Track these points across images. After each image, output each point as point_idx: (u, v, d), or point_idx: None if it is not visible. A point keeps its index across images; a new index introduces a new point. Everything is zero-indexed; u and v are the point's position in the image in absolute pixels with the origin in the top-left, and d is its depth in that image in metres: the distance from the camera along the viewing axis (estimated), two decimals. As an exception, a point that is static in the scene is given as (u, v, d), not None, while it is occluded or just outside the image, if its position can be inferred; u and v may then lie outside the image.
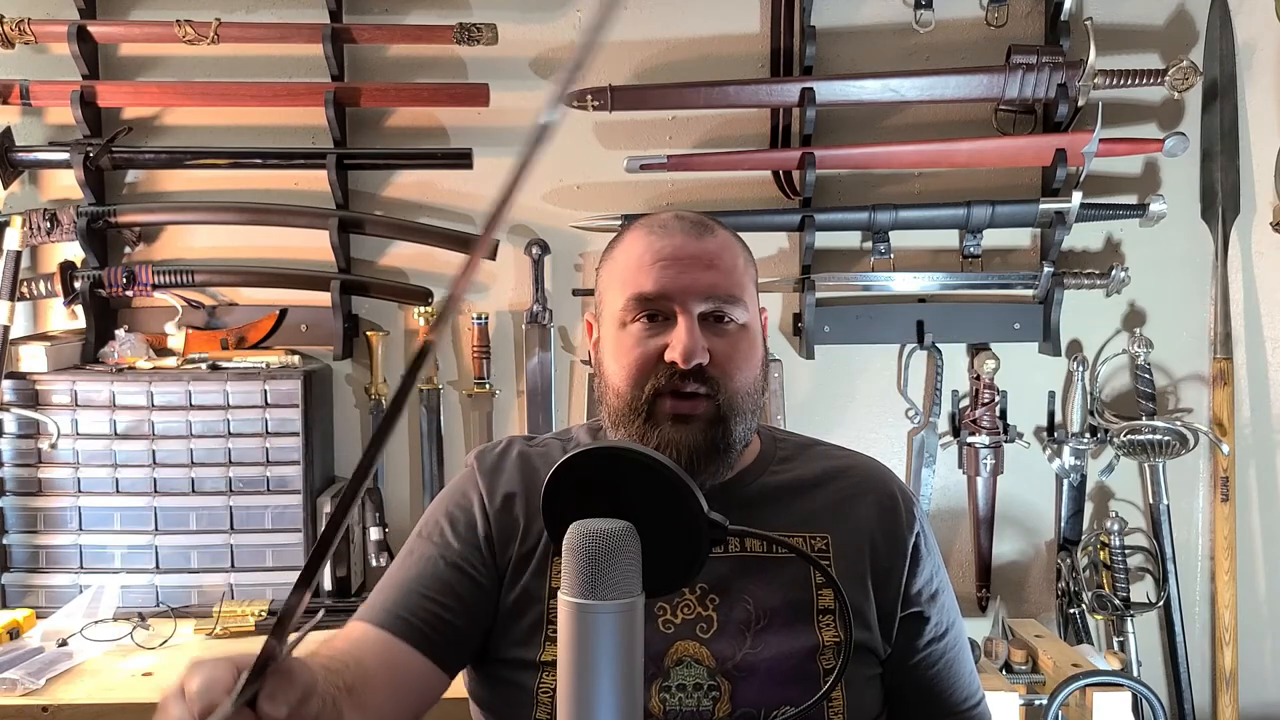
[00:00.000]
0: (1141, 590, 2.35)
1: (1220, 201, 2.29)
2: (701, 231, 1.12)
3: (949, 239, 2.32)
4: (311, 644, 1.06)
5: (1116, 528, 2.29)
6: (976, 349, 2.34)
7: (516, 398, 2.35)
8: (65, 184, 2.28)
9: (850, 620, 0.93)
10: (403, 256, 2.34)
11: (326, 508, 2.14)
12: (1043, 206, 2.21)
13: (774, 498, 1.16)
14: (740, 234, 1.25)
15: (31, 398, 2.11)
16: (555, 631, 1.07)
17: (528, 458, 1.20)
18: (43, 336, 2.26)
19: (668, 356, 1.07)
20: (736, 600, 1.09)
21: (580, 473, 0.87)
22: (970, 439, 2.31)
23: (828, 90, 2.19)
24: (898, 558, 1.14)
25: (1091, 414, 2.33)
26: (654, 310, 1.09)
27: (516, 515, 1.14)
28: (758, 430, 1.23)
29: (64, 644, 1.91)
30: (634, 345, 1.10)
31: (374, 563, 2.23)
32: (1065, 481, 2.35)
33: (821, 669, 1.07)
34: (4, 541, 2.11)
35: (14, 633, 1.96)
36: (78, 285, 2.23)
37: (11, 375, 2.09)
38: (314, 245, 2.25)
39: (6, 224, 2.13)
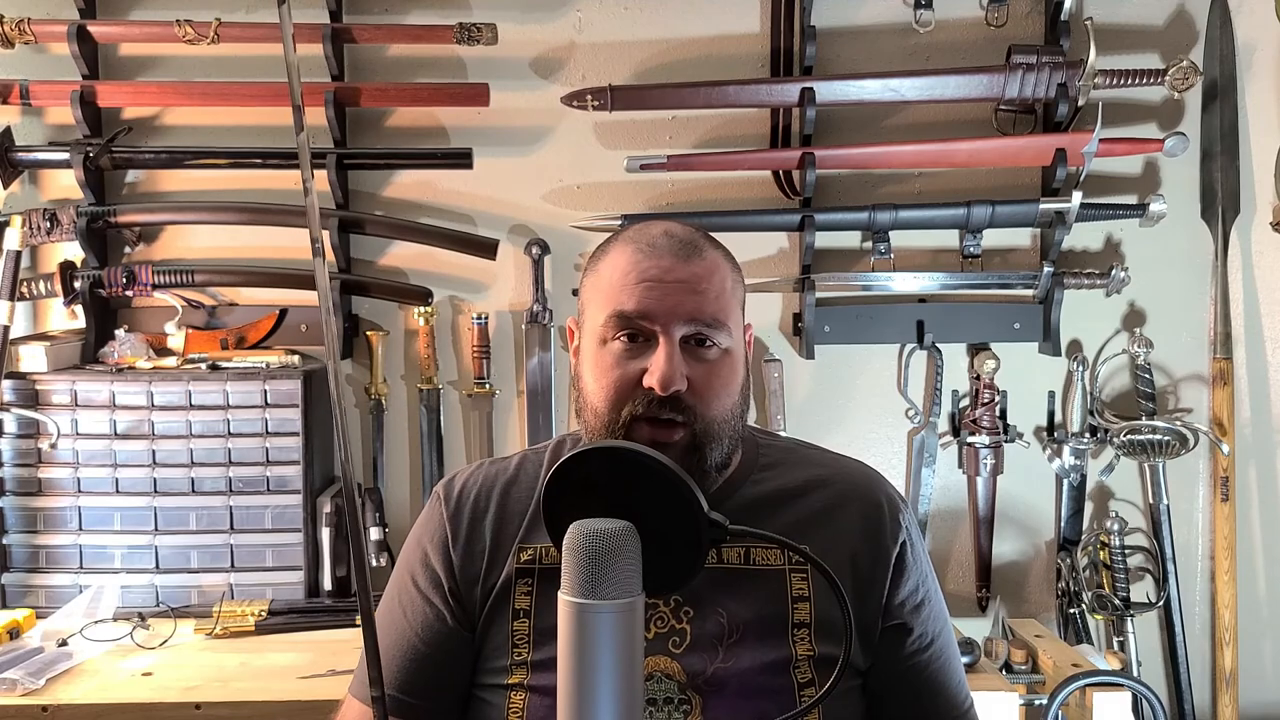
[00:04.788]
0: (1141, 590, 2.35)
1: (1220, 201, 2.29)
2: (690, 253, 1.09)
3: (949, 239, 2.32)
4: None
5: (1116, 528, 2.29)
6: (976, 349, 2.34)
7: (516, 398, 2.35)
8: (65, 184, 2.28)
9: (851, 629, 0.90)
10: (403, 256, 2.34)
11: (326, 508, 2.14)
12: (1043, 206, 2.21)
13: (756, 508, 1.13)
14: (740, 234, 1.25)
15: (31, 398, 2.11)
16: (520, 654, 1.09)
17: (494, 479, 1.19)
18: (43, 336, 2.26)
19: (646, 382, 1.05)
20: (710, 613, 1.08)
21: (580, 473, 0.87)
22: (970, 439, 2.31)
23: (828, 90, 2.19)
24: (880, 569, 1.12)
25: (1091, 414, 2.33)
26: (635, 330, 1.07)
27: (482, 548, 1.14)
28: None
29: (64, 644, 1.91)
30: (613, 365, 1.08)
31: (374, 563, 2.23)
32: (1065, 481, 2.35)
33: (796, 682, 1.06)
34: (4, 541, 2.11)
35: (14, 633, 1.95)
36: (78, 285, 2.23)
37: (11, 375, 2.09)
38: (314, 245, 2.24)
39: (6, 224, 2.13)
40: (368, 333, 2.30)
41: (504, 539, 1.14)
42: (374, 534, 2.22)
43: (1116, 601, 2.27)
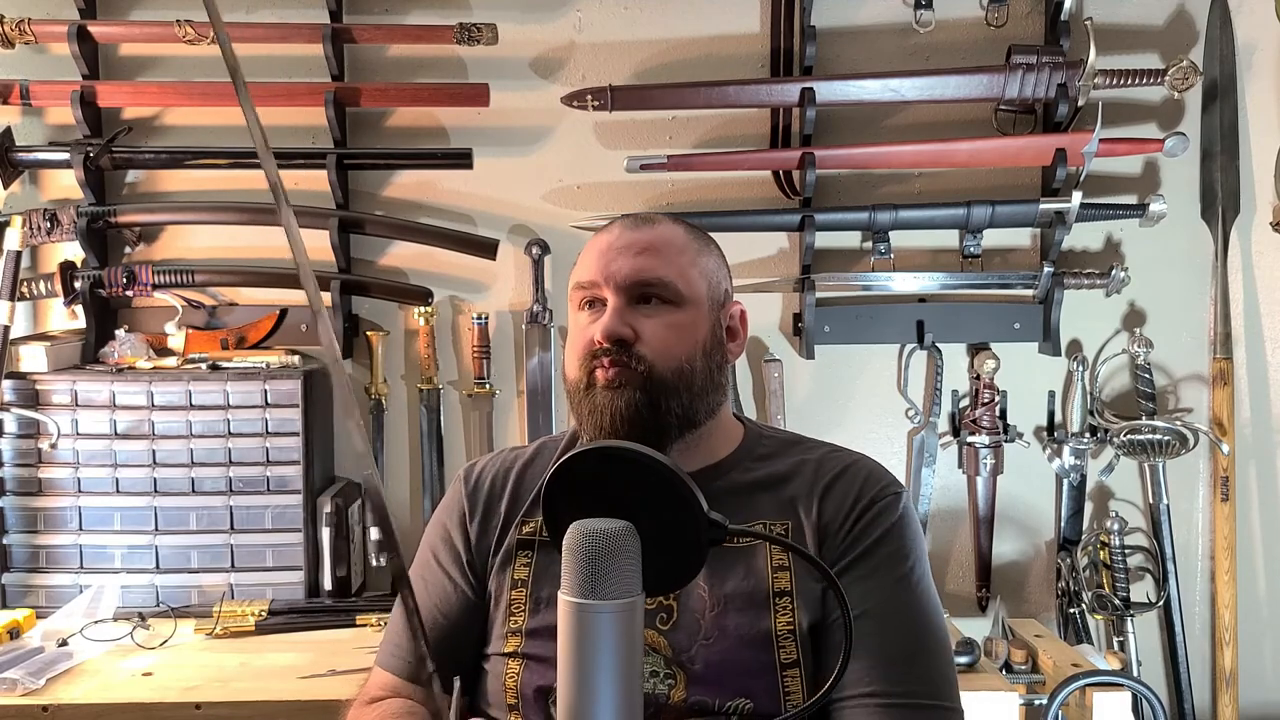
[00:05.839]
0: (1141, 590, 2.35)
1: (1220, 201, 2.29)
2: (639, 224, 1.18)
3: (949, 239, 2.32)
4: (366, 707, 1.16)
5: (1116, 528, 2.28)
6: (976, 349, 2.34)
7: (516, 398, 2.35)
8: (65, 184, 2.28)
9: (850, 622, 0.90)
10: (403, 256, 2.34)
11: (326, 508, 2.14)
12: (1043, 206, 2.21)
13: (743, 493, 1.16)
14: (740, 234, 1.27)
15: (31, 398, 2.11)
16: (515, 622, 1.13)
17: (512, 463, 1.26)
18: (43, 336, 2.26)
19: (595, 337, 1.14)
20: (693, 589, 1.11)
21: (580, 473, 0.87)
22: (970, 439, 2.31)
23: (828, 90, 2.19)
24: (837, 528, 1.11)
25: (1091, 414, 2.33)
26: (591, 297, 1.17)
27: (496, 523, 1.21)
28: (745, 425, 1.25)
29: (64, 644, 1.91)
30: (578, 332, 1.18)
31: (374, 562, 2.23)
32: (1065, 481, 2.35)
33: (779, 661, 1.08)
34: (4, 541, 2.11)
35: (14, 633, 1.95)
36: (78, 285, 2.23)
37: (11, 375, 2.09)
38: (314, 245, 2.24)
39: (6, 224, 2.13)
40: (368, 333, 2.30)
41: (515, 515, 1.20)
42: (374, 534, 2.22)
43: (1116, 601, 2.27)
